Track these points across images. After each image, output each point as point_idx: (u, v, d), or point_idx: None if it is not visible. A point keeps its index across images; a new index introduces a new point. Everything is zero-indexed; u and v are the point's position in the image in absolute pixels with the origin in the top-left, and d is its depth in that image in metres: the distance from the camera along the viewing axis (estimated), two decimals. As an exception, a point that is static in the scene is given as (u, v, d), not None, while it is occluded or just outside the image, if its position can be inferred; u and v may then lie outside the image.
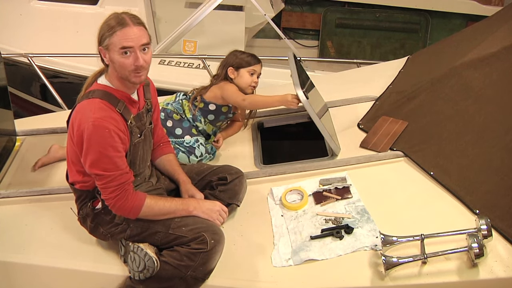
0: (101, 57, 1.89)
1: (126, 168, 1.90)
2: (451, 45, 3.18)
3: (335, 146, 2.52)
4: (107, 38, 1.81)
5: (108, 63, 1.87)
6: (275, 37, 5.17)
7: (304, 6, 5.71)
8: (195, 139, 2.61)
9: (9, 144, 2.73)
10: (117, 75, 1.89)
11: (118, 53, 1.81)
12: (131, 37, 1.80)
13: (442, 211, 2.14)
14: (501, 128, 2.28)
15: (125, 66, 1.83)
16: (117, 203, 1.89)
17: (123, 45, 1.80)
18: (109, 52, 1.83)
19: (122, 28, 1.80)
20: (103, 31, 1.82)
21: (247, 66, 2.63)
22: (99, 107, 1.83)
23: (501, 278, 1.86)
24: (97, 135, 1.79)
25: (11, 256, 2.10)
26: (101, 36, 1.83)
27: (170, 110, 2.62)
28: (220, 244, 1.94)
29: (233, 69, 2.63)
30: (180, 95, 2.72)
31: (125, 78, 1.88)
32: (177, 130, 2.60)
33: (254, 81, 2.66)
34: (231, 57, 2.67)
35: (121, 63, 1.83)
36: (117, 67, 1.85)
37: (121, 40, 1.80)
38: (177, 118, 2.61)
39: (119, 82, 1.91)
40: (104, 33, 1.82)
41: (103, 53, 1.86)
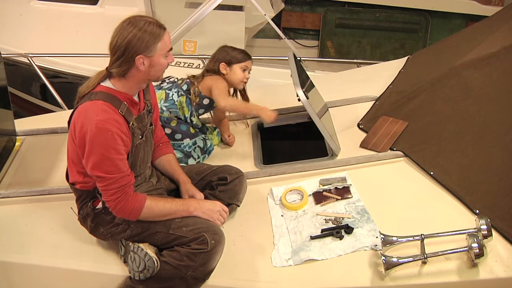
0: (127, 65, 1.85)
1: (127, 171, 1.90)
2: (451, 45, 3.18)
3: (335, 146, 2.52)
4: (155, 44, 1.84)
5: (144, 69, 1.87)
6: (275, 37, 5.17)
7: (304, 6, 5.71)
8: (193, 142, 2.59)
9: (9, 144, 2.73)
10: (142, 79, 1.91)
11: (163, 56, 1.89)
12: (169, 37, 1.91)
13: (442, 211, 2.15)
14: (501, 128, 2.28)
15: (164, 66, 1.92)
16: (118, 205, 1.89)
17: (170, 47, 1.90)
18: (153, 57, 1.86)
19: (164, 31, 1.87)
20: (147, 40, 1.82)
21: (240, 62, 2.61)
22: (102, 109, 1.83)
23: (501, 278, 1.86)
24: (100, 137, 1.79)
25: (11, 256, 2.10)
26: (146, 45, 1.82)
27: (167, 117, 2.54)
28: (220, 244, 1.94)
29: (225, 65, 2.61)
30: (171, 93, 2.57)
31: (155, 78, 1.95)
32: (176, 135, 2.57)
33: (246, 77, 2.65)
34: (222, 53, 2.64)
35: (164, 64, 1.92)
36: (156, 70, 1.90)
37: (168, 43, 1.90)
38: (175, 124, 2.56)
39: (134, 85, 1.92)
40: (151, 41, 1.83)
41: (142, 61, 1.85)
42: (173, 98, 2.57)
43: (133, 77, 1.90)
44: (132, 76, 1.89)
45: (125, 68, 1.86)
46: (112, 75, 1.90)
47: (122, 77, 1.89)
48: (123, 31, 1.82)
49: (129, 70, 1.87)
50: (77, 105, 1.88)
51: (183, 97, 2.58)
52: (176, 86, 2.61)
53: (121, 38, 1.82)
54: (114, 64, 1.87)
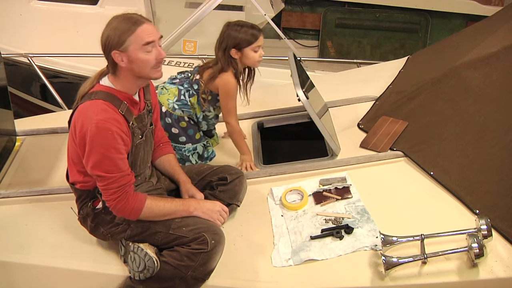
0: (112, 62, 1.85)
1: (127, 170, 1.90)
2: (451, 45, 3.18)
3: (335, 146, 2.52)
4: (127, 39, 1.80)
5: (125, 65, 1.84)
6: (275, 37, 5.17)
7: (304, 6, 5.72)
8: (194, 147, 2.58)
9: (9, 144, 2.73)
10: (132, 76, 1.89)
11: (142, 51, 1.82)
12: (151, 31, 1.84)
13: (442, 211, 2.14)
14: (501, 128, 2.28)
15: (148, 62, 1.85)
16: (118, 204, 1.89)
17: (147, 41, 1.82)
18: (129, 52, 1.82)
19: (140, 25, 1.81)
20: (118, 34, 1.80)
21: (251, 44, 2.41)
22: (102, 108, 1.83)
23: (501, 278, 1.86)
24: (100, 137, 1.79)
25: (11, 256, 2.10)
26: (118, 39, 1.80)
27: (178, 116, 2.51)
28: (220, 244, 1.94)
29: (236, 50, 2.42)
30: (183, 91, 2.52)
31: (145, 76, 1.89)
32: (181, 138, 2.54)
33: (260, 56, 2.46)
34: (230, 35, 2.41)
35: (144, 60, 1.84)
36: (138, 66, 1.85)
37: (143, 37, 1.81)
38: (184, 125, 2.53)
39: (128, 83, 1.91)
40: (121, 35, 1.80)
41: (119, 57, 1.83)
42: (186, 98, 2.51)
43: (122, 75, 1.89)
44: (121, 74, 1.89)
45: (111, 65, 1.87)
46: (109, 74, 1.92)
47: (115, 76, 1.90)
48: (104, 29, 1.84)
49: (115, 67, 1.87)
50: (77, 105, 1.88)
51: (194, 98, 2.53)
52: (188, 82, 2.54)
53: (102, 35, 1.84)
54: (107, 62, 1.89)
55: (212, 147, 2.70)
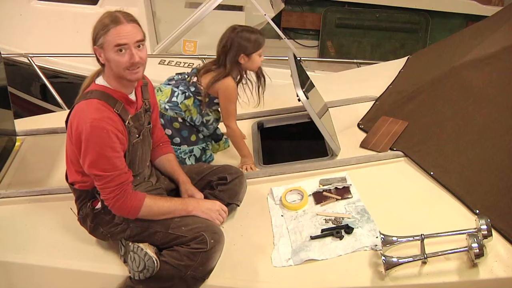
0: (97, 57, 1.88)
1: (124, 168, 1.90)
2: (451, 45, 3.18)
3: (335, 146, 2.52)
4: (102, 37, 1.80)
5: (104, 62, 1.86)
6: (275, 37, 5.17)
7: (304, 6, 5.71)
8: (190, 149, 2.56)
9: (9, 144, 2.73)
10: (114, 75, 1.88)
11: (113, 51, 1.81)
12: (125, 34, 1.80)
13: (442, 211, 2.14)
14: (501, 128, 2.28)
15: (121, 64, 1.82)
16: (116, 203, 1.89)
17: (118, 43, 1.80)
18: (104, 51, 1.82)
19: (116, 25, 1.79)
20: (97, 30, 1.82)
21: (258, 50, 2.45)
22: (96, 107, 1.83)
23: (501, 278, 1.86)
24: (95, 136, 1.79)
25: (11, 256, 2.10)
26: (96, 35, 1.82)
27: (171, 117, 2.49)
28: (219, 243, 1.94)
29: (244, 56, 2.44)
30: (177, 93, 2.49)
31: (121, 76, 1.87)
32: (175, 139, 2.53)
33: (261, 60, 2.51)
34: (240, 41, 2.42)
35: (116, 61, 1.82)
36: (112, 65, 1.84)
37: (115, 38, 1.79)
38: (177, 126, 2.52)
39: (117, 82, 1.90)
40: (98, 32, 1.81)
41: (98, 53, 1.85)
42: (177, 100, 2.49)
43: (108, 72, 1.89)
44: (107, 70, 1.89)
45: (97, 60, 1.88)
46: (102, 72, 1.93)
47: (104, 72, 1.91)
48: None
49: (100, 63, 1.89)
50: (73, 105, 1.89)
51: (190, 100, 2.50)
52: (185, 84, 2.53)
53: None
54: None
55: (211, 151, 2.68)
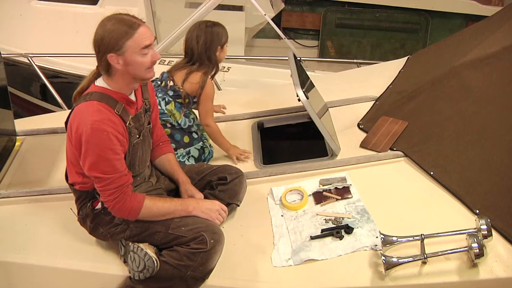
0: (106, 64, 1.84)
1: (124, 170, 1.89)
2: (451, 45, 3.19)
3: (335, 146, 2.52)
4: (125, 43, 1.79)
5: (121, 67, 1.83)
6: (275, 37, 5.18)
7: (304, 6, 5.72)
8: (187, 151, 2.57)
9: (9, 144, 2.73)
10: (127, 78, 1.88)
11: (139, 54, 1.82)
12: (147, 35, 1.83)
13: (442, 211, 2.14)
14: (501, 128, 2.29)
15: (144, 64, 1.85)
16: (116, 205, 1.88)
17: (145, 45, 1.82)
18: (125, 55, 1.81)
19: (137, 28, 1.81)
20: (115, 37, 1.79)
21: (226, 41, 2.55)
22: (97, 109, 1.82)
23: (501, 278, 1.86)
24: (96, 138, 1.79)
25: (11, 256, 2.10)
26: (115, 43, 1.79)
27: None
28: (219, 243, 1.94)
29: (220, 48, 2.52)
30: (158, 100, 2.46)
31: (139, 77, 1.89)
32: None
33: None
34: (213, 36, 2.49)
35: (140, 62, 1.84)
36: (133, 68, 1.84)
37: (142, 40, 1.81)
38: (169, 132, 2.51)
39: (123, 84, 1.90)
40: (119, 39, 1.79)
41: (115, 59, 1.82)
42: (161, 106, 2.50)
43: (117, 76, 1.88)
44: (115, 74, 1.87)
45: (104, 66, 1.85)
46: (102, 74, 1.90)
47: (108, 76, 1.88)
48: (97, 29, 1.83)
49: (109, 68, 1.85)
50: (73, 106, 1.88)
51: (171, 104, 2.53)
52: (162, 90, 2.54)
53: (96, 36, 1.82)
54: (98, 64, 1.88)
55: (210, 148, 2.68)
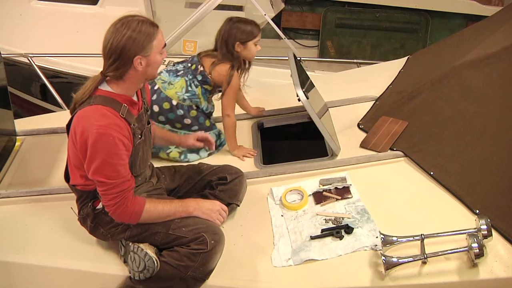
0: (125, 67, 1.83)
1: (128, 176, 1.89)
2: (451, 45, 3.19)
3: (335, 146, 2.52)
4: (150, 43, 1.83)
5: (141, 69, 1.85)
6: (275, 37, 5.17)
7: (304, 6, 5.71)
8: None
9: (9, 144, 2.73)
10: (140, 79, 1.90)
11: (159, 53, 1.88)
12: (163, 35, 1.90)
13: (442, 211, 2.15)
14: (501, 128, 2.29)
15: (160, 63, 1.92)
16: (117, 210, 1.88)
17: (164, 43, 1.90)
18: (149, 56, 1.84)
19: (158, 29, 1.86)
20: (142, 40, 1.80)
21: (254, 38, 2.57)
22: (102, 113, 1.81)
23: (501, 278, 1.86)
24: (102, 143, 1.78)
25: (11, 256, 2.10)
26: (142, 45, 1.81)
27: (188, 106, 2.61)
28: (220, 244, 1.94)
29: (240, 44, 2.56)
30: (189, 82, 2.60)
31: (152, 77, 1.95)
32: (193, 127, 2.65)
33: (257, 50, 2.63)
34: (234, 30, 2.56)
35: (159, 62, 1.90)
36: (152, 68, 1.89)
37: (162, 41, 1.88)
38: (194, 115, 2.63)
39: (132, 86, 1.91)
40: (146, 41, 1.81)
41: (139, 61, 1.83)
42: (193, 89, 2.60)
43: (131, 78, 1.88)
44: (130, 78, 1.88)
45: (123, 70, 1.84)
46: (108, 79, 1.88)
47: (119, 80, 1.87)
48: (117, 33, 1.79)
49: (126, 72, 1.85)
50: (76, 111, 1.86)
51: (198, 88, 2.62)
52: (191, 73, 2.62)
53: (116, 41, 1.79)
54: (110, 68, 1.84)
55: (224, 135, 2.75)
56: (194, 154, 2.63)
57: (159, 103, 2.59)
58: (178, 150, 2.62)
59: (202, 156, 2.64)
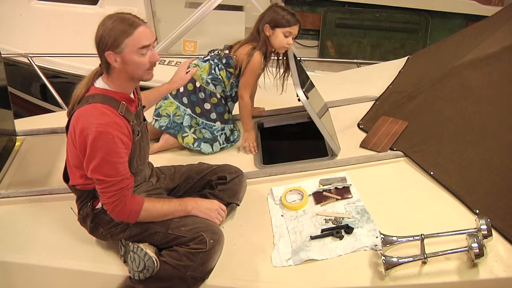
0: (106, 62, 1.84)
1: (127, 174, 1.89)
2: (451, 45, 3.19)
3: (335, 146, 2.52)
4: (124, 41, 1.78)
5: (118, 66, 1.83)
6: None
7: (304, 6, 5.70)
8: (222, 127, 2.68)
9: (9, 144, 2.73)
10: (126, 77, 1.87)
11: (136, 54, 1.81)
12: (147, 35, 1.82)
13: (442, 211, 2.15)
14: (501, 128, 2.29)
15: (142, 65, 1.84)
16: (116, 208, 1.88)
17: (143, 44, 1.81)
18: (123, 54, 1.80)
19: (137, 28, 1.80)
20: (114, 35, 1.78)
21: (284, 27, 2.52)
22: (101, 112, 1.82)
23: (501, 278, 1.86)
24: (101, 141, 1.78)
25: (11, 256, 2.10)
26: (113, 41, 1.78)
27: (211, 91, 2.63)
28: (219, 244, 1.94)
29: (269, 27, 2.53)
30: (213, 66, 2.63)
31: (137, 77, 1.88)
32: (212, 114, 2.67)
33: (288, 43, 2.56)
34: (270, 13, 2.55)
35: (138, 62, 1.83)
36: (131, 68, 1.84)
37: (140, 40, 1.80)
38: (215, 102, 2.66)
39: (123, 83, 1.89)
40: (118, 37, 1.78)
41: (113, 57, 1.81)
42: (216, 72, 2.62)
43: (116, 75, 1.87)
44: (114, 73, 1.87)
45: (105, 64, 1.85)
46: (104, 75, 1.89)
47: (109, 76, 1.88)
48: (99, 27, 1.82)
49: (109, 66, 1.85)
50: (74, 109, 1.86)
51: (223, 72, 2.63)
52: (218, 58, 2.65)
53: (96, 33, 1.82)
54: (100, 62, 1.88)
55: (238, 132, 2.79)
56: (207, 144, 2.66)
57: None
58: (194, 136, 2.66)
59: (215, 150, 2.67)
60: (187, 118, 2.66)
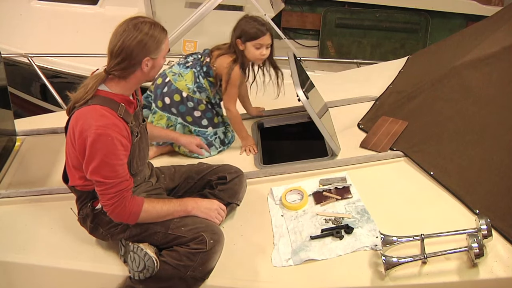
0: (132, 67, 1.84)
1: (126, 176, 1.89)
2: (451, 45, 3.19)
3: (335, 146, 2.52)
4: (159, 48, 1.86)
5: (146, 70, 1.87)
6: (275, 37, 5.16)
7: (304, 6, 5.71)
8: (214, 132, 2.67)
9: (9, 144, 2.73)
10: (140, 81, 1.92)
11: (164, 58, 1.92)
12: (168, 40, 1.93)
13: (442, 211, 2.15)
14: (501, 128, 2.29)
15: (162, 66, 1.95)
16: (115, 210, 1.88)
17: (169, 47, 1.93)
18: (157, 59, 1.88)
19: (166, 34, 1.89)
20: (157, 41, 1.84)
21: (253, 39, 2.47)
22: (101, 114, 1.81)
23: (501, 278, 1.86)
24: (100, 143, 1.79)
25: (11, 256, 2.10)
26: (156, 46, 1.84)
27: (198, 99, 2.60)
28: (219, 244, 1.94)
29: (240, 41, 2.50)
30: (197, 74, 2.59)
31: (152, 78, 1.96)
32: (203, 121, 2.65)
33: (261, 54, 2.51)
34: (240, 25, 2.50)
35: (162, 64, 1.94)
36: (155, 70, 1.93)
37: (168, 45, 1.92)
38: (203, 108, 2.63)
39: (132, 86, 1.92)
40: (160, 42, 1.86)
41: (148, 63, 1.85)
42: (200, 80, 2.60)
43: (134, 79, 1.89)
44: (133, 78, 1.88)
45: (130, 70, 1.85)
46: (109, 78, 1.88)
47: (122, 79, 1.88)
48: (128, 34, 1.80)
49: (133, 72, 1.86)
50: (74, 111, 1.86)
51: (205, 80, 2.61)
52: (199, 65, 2.62)
53: (128, 42, 1.79)
54: (117, 67, 1.84)
55: (232, 133, 2.77)
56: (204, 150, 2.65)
57: (170, 95, 2.59)
58: None
59: (212, 153, 2.67)
60: (179, 127, 2.64)
